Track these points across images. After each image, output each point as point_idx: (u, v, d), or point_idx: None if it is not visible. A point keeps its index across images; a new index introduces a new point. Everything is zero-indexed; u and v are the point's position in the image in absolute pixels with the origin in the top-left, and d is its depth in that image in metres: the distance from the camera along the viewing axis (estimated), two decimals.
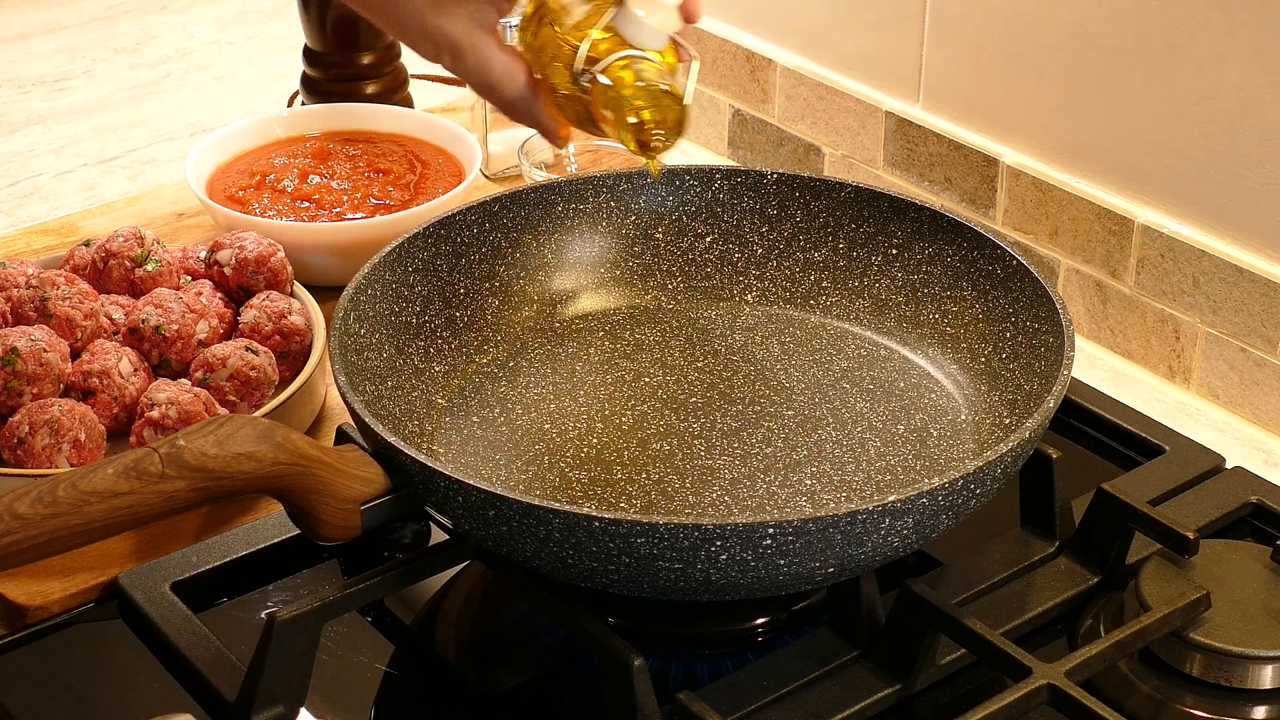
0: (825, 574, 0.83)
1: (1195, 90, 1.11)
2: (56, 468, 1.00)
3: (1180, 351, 1.15)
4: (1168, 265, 1.14)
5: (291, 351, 1.10)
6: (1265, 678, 0.87)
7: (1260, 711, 0.87)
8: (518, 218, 1.08)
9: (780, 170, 1.10)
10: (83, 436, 1.00)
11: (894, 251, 1.07)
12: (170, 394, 1.02)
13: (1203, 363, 1.14)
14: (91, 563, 0.96)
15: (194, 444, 0.82)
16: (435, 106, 1.49)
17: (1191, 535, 0.90)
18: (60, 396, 1.04)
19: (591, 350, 1.06)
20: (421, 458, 0.83)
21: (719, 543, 0.78)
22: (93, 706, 0.90)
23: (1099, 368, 1.19)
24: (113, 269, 1.14)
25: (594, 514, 0.79)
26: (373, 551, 0.96)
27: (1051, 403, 0.88)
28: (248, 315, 1.11)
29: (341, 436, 0.93)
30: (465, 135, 1.32)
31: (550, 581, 0.86)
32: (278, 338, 1.10)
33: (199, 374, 1.06)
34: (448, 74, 1.52)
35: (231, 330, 1.13)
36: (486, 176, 1.40)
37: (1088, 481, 0.97)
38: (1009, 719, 0.81)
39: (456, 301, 1.05)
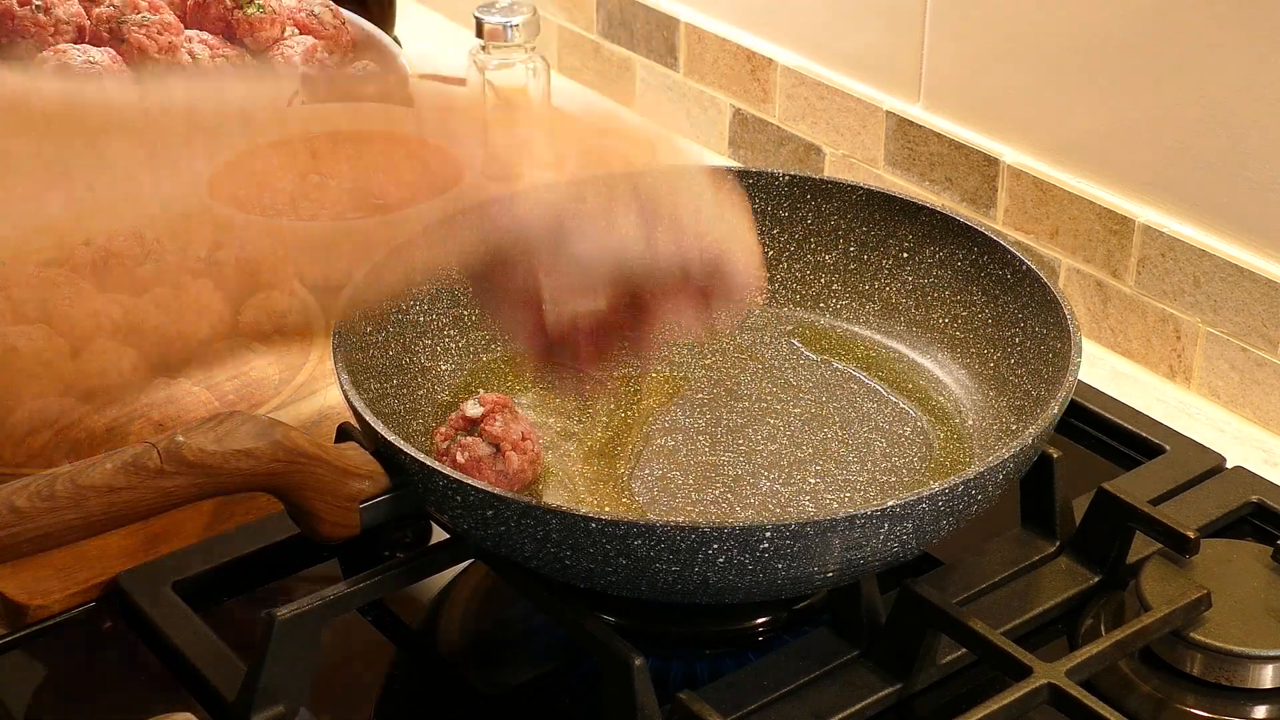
0: (824, 577, 0.83)
1: (1195, 90, 1.11)
2: (56, 467, 1.00)
3: (1181, 351, 1.15)
4: (1168, 265, 1.14)
5: (292, 351, 1.10)
6: (1265, 677, 0.87)
7: (1260, 711, 0.87)
8: None
9: (791, 172, 1.09)
10: (82, 436, 1.00)
11: (904, 255, 1.07)
12: (170, 394, 1.02)
13: (1203, 362, 1.14)
14: (92, 562, 0.96)
15: (193, 440, 0.82)
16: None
17: (1192, 535, 0.90)
18: (60, 396, 1.04)
19: None
20: (420, 456, 0.83)
21: (716, 545, 0.78)
22: (93, 706, 0.90)
23: (1099, 367, 1.18)
24: (113, 268, 1.14)
25: (591, 515, 0.78)
26: (373, 551, 0.96)
27: (1055, 409, 0.88)
28: (247, 315, 1.11)
29: (342, 435, 0.93)
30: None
31: (550, 581, 0.86)
32: (277, 337, 1.10)
33: (199, 374, 1.06)
34: (449, 74, 1.53)
35: (231, 330, 1.13)
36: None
37: (1088, 481, 0.97)
38: (1009, 719, 0.81)
39: (463, 300, 1.05)
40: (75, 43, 1.03)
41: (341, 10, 1.16)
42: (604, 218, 0.80)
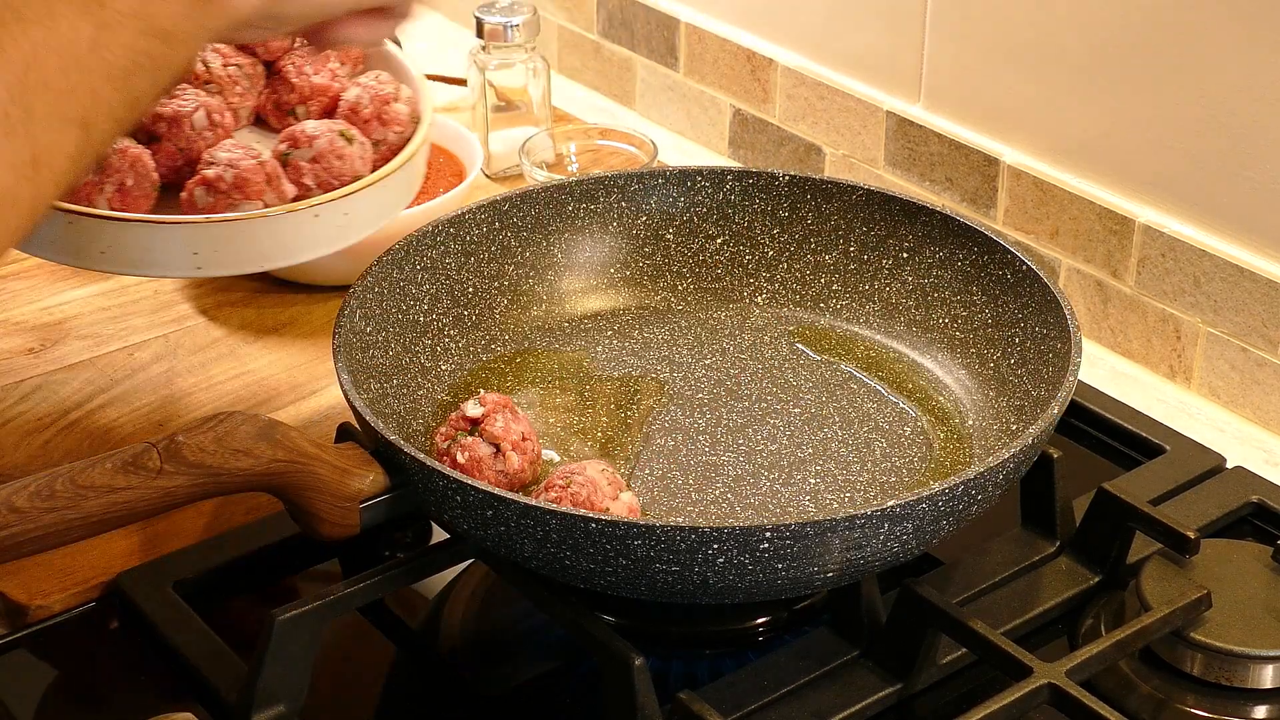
0: (824, 578, 0.83)
1: (1195, 90, 1.11)
2: (95, 207, 0.93)
3: (1181, 351, 1.15)
4: (1169, 265, 1.14)
5: (388, 142, 1.03)
6: (1265, 677, 0.87)
7: (1260, 711, 0.87)
8: (528, 217, 1.08)
9: (792, 172, 1.09)
10: (130, 182, 0.94)
11: (905, 255, 1.07)
12: (232, 156, 0.95)
13: (1203, 362, 1.14)
14: (93, 561, 0.96)
15: (193, 440, 0.82)
16: (436, 106, 1.49)
17: (1192, 535, 0.90)
18: (125, 136, 0.95)
19: (599, 349, 1.06)
20: (420, 456, 0.83)
21: (715, 545, 0.78)
22: (93, 706, 0.90)
23: (1100, 367, 1.18)
24: None
25: (590, 515, 0.79)
26: (373, 551, 0.96)
27: (1056, 409, 0.88)
28: (351, 93, 1.03)
29: (342, 435, 0.93)
30: (466, 134, 1.32)
31: (550, 581, 0.86)
32: (376, 123, 1.03)
33: (282, 146, 0.99)
34: (449, 74, 1.53)
35: (334, 109, 1.05)
36: (488, 176, 1.40)
37: (1089, 481, 0.97)
38: (1009, 719, 0.81)
39: (465, 300, 1.05)
40: None
41: None
42: None
